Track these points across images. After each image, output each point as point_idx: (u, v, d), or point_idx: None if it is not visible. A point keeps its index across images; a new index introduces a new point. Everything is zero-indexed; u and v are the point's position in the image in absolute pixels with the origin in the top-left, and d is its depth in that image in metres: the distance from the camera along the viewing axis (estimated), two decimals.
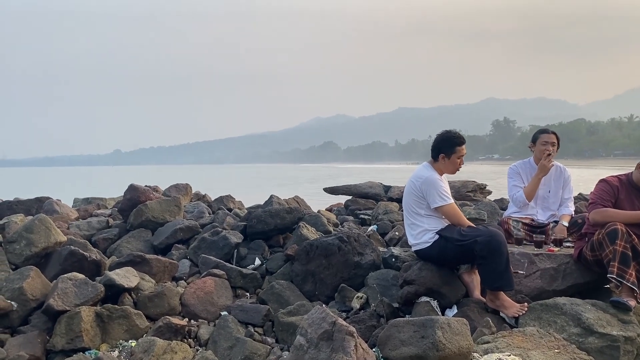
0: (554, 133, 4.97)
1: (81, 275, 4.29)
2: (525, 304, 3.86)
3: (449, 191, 4.12)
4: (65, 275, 4.24)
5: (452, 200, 4.10)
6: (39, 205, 7.18)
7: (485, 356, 3.11)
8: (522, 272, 4.14)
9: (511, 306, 3.85)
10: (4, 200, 7.81)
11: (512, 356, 3.05)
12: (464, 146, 4.20)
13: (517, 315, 3.77)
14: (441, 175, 4.20)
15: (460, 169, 4.27)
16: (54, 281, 4.28)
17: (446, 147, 4.15)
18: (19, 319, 4.10)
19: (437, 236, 4.06)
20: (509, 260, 3.85)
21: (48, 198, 7.45)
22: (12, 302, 4.08)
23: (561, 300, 3.73)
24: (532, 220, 4.94)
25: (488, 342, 3.35)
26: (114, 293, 4.34)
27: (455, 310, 4.03)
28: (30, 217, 5.67)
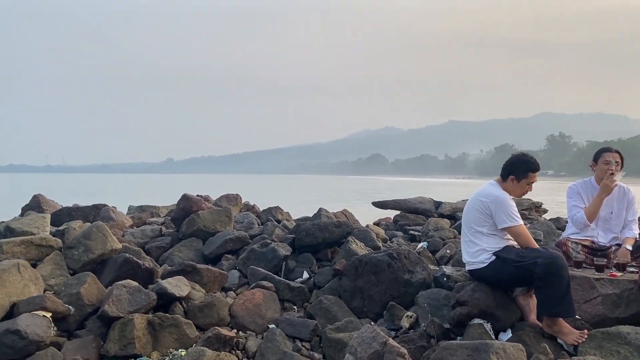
0: (618, 152, 4.77)
1: (135, 283, 4.40)
2: (585, 330, 3.68)
3: (517, 212, 4.01)
4: (119, 282, 4.35)
5: (521, 222, 3.98)
6: (96, 212, 7.43)
7: None
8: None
9: (570, 333, 3.67)
10: (63, 206, 8.12)
11: None
12: (536, 173, 4.10)
13: (577, 343, 3.60)
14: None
15: (526, 194, 4.18)
16: (109, 288, 4.40)
17: (519, 170, 4.06)
18: (75, 323, 4.22)
19: (493, 257, 3.94)
20: (570, 285, 3.68)
21: (104, 205, 7.70)
22: (70, 307, 4.21)
23: (625, 329, 3.54)
24: (593, 242, 4.71)
25: None
26: (165, 301, 4.42)
27: (509, 334, 3.89)
28: (88, 224, 5.87)
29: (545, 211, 8.19)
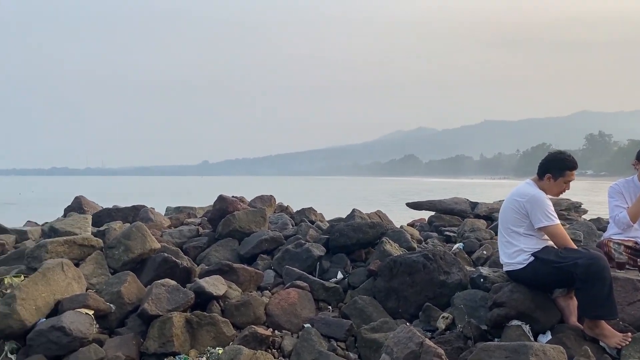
0: None
1: (173, 282, 4.49)
2: (629, 333, 3.58)
3: (554, 211, 3.93)
4: (158, 281, 4.45)
5: (558, 221, 3.90)
6: (135, 213, 7.61)
7: None
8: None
9: (613, 335, 3.58)
10: (103, 207, 8.36)
11: None
12: (574, 171, 4.02)
13: (620, 346, 3.50)
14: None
15: (563, 193, 4.09)
16: (148, 286, 4.50)
17: (555, 169, 3.99)
18: (116, 321, 4.34)
19: (532, 258, 3.87)
20: (612, 286, 3.59)
21: (143, 206, 7.89)
22: (111, 305, 4.33)
23: None
24: (636, 243, 4.57)
25: None
26: (203, 300, 4.50)
27: (549, 336, 3.82)
28: (127, 224, 6.02)
29: (585, 211, 7.98)
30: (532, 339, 3.76)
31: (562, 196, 7.65)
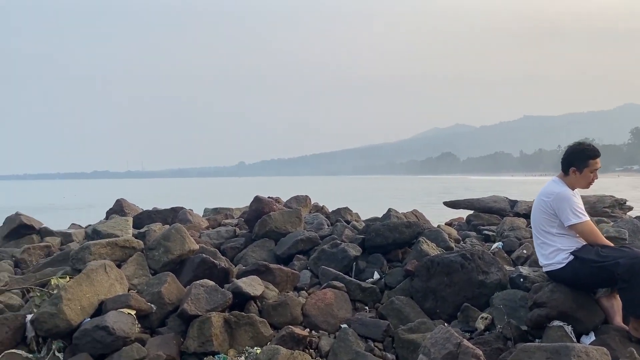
0: None
1: (212, 282, 4.56)
2: None
3: (583, 207, 3.82)
4: (197, 281, 4.53)
5: (587, 218, 3.79)
6: (174, 215, 7.77)
7: None
8: None
9: None
10: (144, 209, 8.56)
11: None
12: (598, 159, 3.91)
13: None
14: (573, 189, 3.91)
15: (593, 183, 3.96)
16: (188, 287, 4.59)
17: (578, 161, 3.88)
18: (157, 320, 4.44)
19: (571, 257, 3.77)
20: None
21: (182, 208, 8.04)
22: (152, 305, 4.43)
23: None
24: None
25: None
26: (240, 300, 4.56)
27: (592, 337, 3.71)
28: (167, 226, 6.15)
29: (630, 208, 7.70)
30: (574, 340, 3.67)
31: (606, 193, 7.44)
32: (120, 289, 4.57)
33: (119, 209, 8.54)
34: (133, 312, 4.21)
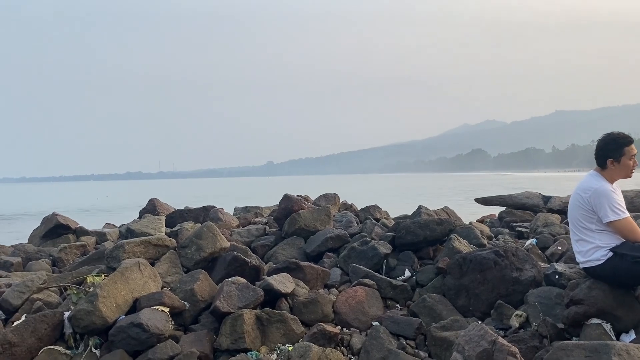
0: None
1: (243, 280, 4.59)
2: None
3: (623, 203, 3.70)
4: (229, 279, 4.57)
5: (627, 214, 3.67)
6: (205, 214, 7.86)
7: None
8: None
9: None
10: (176, 209, 8.68)
11: None
12: (632, 145, 3.80)
13: None
14: (612, 183, 3.80)
15: (634, 170, 3.84)
16: (220, 284, 4.63)
17: (613, 151, 3.77)
18: (190, 317, 4.49)
19: (610, 253, 3.66)
20: None
21: (213, 207, 8.12)
22: (185, 302, 4.49)
23: None
24: None
25: None
26: (271, 298, 4.57)
27: (633, 335, 3.61)
28: (198, 225, 6.22)
29: None
30: (614, 338, 3.57)
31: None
32: (154, 287, 4.64)
33: (151, 208, 8.69)
34: (167, 310, 4.26)
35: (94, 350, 4.09)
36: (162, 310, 4.22)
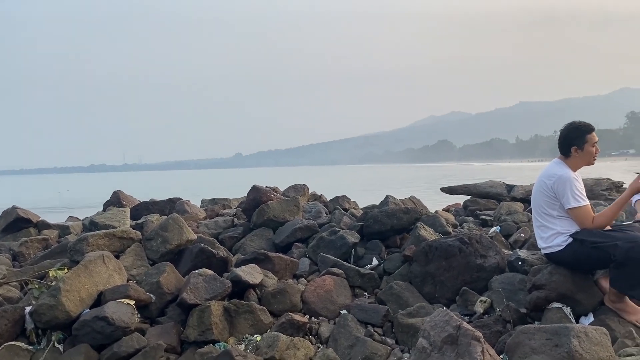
0: None
1: (210, 271, 4.55)
2: None
3: (584, 191, 3.82)
4: (196, 271, 4.52)
5: (587, 202, 3.79)
6: (171, 206, 7.76)
7: None
8: None
9: (635, 312, 3.55)
10: (141, 201, 8.53)
11: None
12: (594, 132, 3.93)
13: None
14: (575, 171, 3.92)
15: (596, 157, 3.97)
16: (186, 276, 4.58)
17: (577, 139, 3.88)
18: (156, 310, 4.44)
19: (570, 239, 3.78)
20: None
21: (179, 199, 8.02)
22: (151, 295, 4.43)
23: None
24: None
25: (632, 355, 3.05)
26: (240, 289, 4.55)
27: (591, 318, 3.73)
28: (164, 217, 6.14)
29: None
30: (573, 321, 3.69)
31: (603, 176, 7.44)
32: (119, 280, 4.57)
33: (116, 201, 8.52)
34: (132, 302, 4.20)
35: (57, 345, 4.00)
36: (128, 303, 4.16)
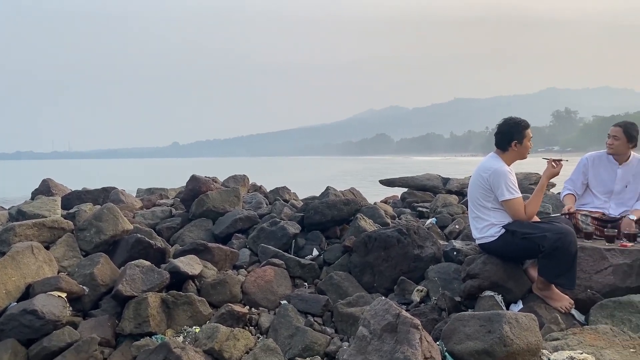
0: (622, 126, 4.66)
1: (147, 263, 4.43)
2: (572, 301, 3.81)
3: (517, 184, 4.00)
4: (132, 262, 4.39)
5: (519, 195, 3.97)
6: (105, 195, 7.46)
7: (555, 353, 3.00)
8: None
9: (560, 299, 3.79)
10: (72, 190, 8.16)
11: (584, 354, 2.92)
12: (530, 129, 4.14)
13: (565, 311, 3.73)
14: (509, 165, 4.10)
15: (529, 152, 4.18)
16: (122, 268, 4.44)
17: (517, 134, 4.05)
18: (90, 303, 4.27)
19: (503, 230, 3.95)
20: (576, 260, 3.73)
21: (114, 188, 7.73)
22: (84, 287, 4.26)
23: (636, 297, 3.58)
24: (603, 214, 4.70)
25: (558, 339, 3.24)
26: (178, 280, 4.46)
27: (520, 305, 3.93)
28: (98, 206, 5.91)
29: (554, 185, 8.16)
30: (504, 308, 3.86)
31: (531, 171, 7.83)
32: (49, 272, 4.37)
33: (45, 189, 8.09)
34: (63, 295, 4.03)
35: None
36: (59, 296, 3.98)
